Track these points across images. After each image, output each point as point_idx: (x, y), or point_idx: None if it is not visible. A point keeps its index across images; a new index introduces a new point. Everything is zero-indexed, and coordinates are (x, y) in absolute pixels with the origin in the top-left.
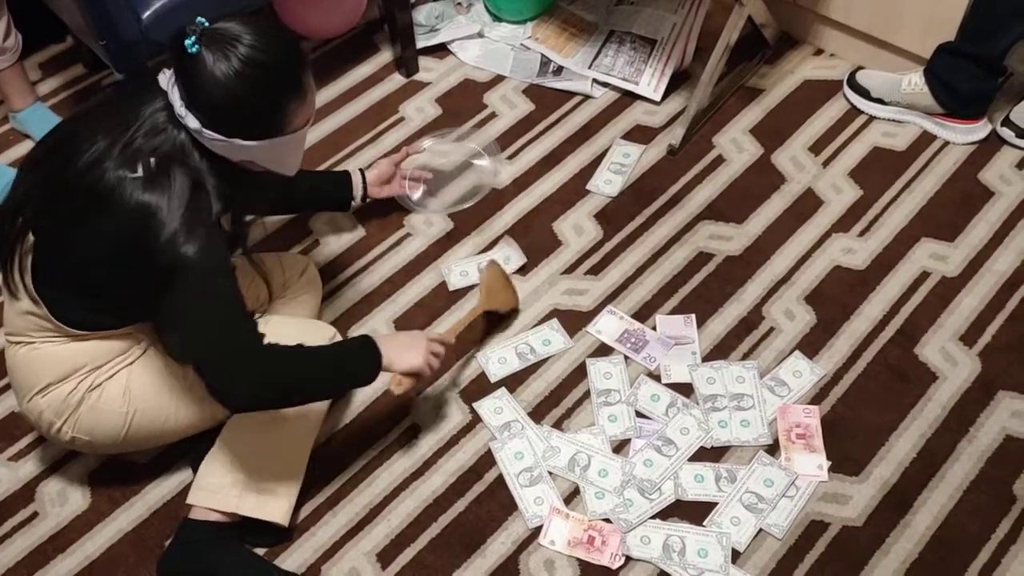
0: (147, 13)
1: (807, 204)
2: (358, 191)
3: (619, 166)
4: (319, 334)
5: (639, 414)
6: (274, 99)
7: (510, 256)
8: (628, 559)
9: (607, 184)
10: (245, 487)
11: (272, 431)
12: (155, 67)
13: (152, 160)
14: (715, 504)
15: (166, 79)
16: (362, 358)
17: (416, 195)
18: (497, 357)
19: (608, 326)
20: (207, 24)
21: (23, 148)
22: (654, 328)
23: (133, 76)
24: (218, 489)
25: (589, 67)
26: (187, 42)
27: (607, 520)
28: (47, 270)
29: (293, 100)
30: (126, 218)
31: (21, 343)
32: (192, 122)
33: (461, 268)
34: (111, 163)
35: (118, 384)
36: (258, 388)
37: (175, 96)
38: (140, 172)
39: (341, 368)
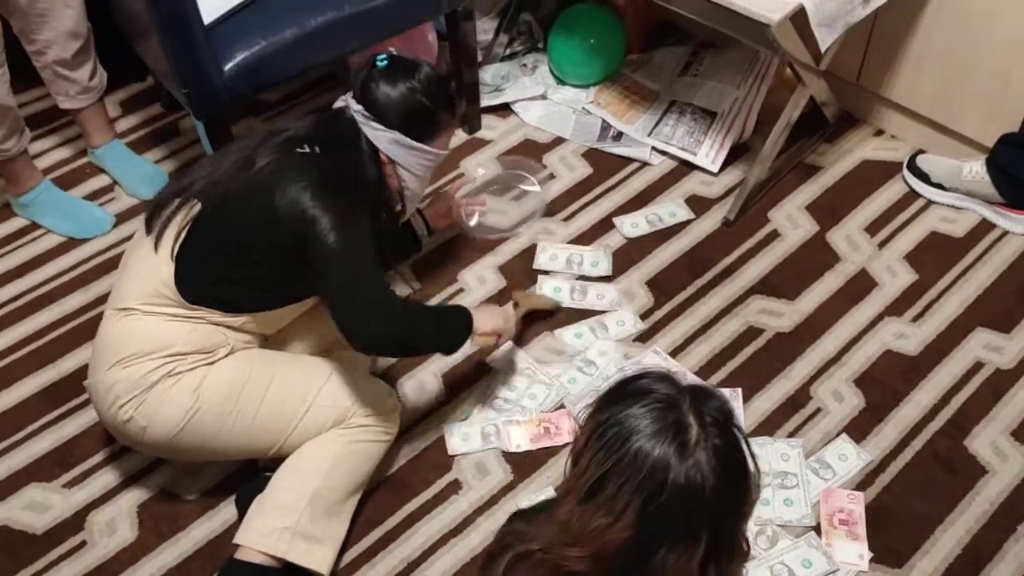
0: (229, 65)
1: (861, 285)
2: (422, 229)
3: (657, 218)
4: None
5: None
6: (433, 107)
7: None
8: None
9: (633, 227)
10: (295, 533)
11: (327, 480)
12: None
13: (318, 146)
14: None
15: (344, 100)
16: (461, 318)
17: (472, 221)
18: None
19: (650, 364)
20: (395, 52)
21: (99, 182)
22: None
23: (216, 129)
24: (269, 532)
25: (649, 134)
26: (378, 58)
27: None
28: (205, 238)
29: (445, 119)
30: (294, 182)
31: (127, 312)
32: (365, 113)
33: (554, 285)
34: (277, 142)
35: (193, 379)
36: (391, 342)
37: (352, 103)
38: (307, 149)
39: (447, 323)
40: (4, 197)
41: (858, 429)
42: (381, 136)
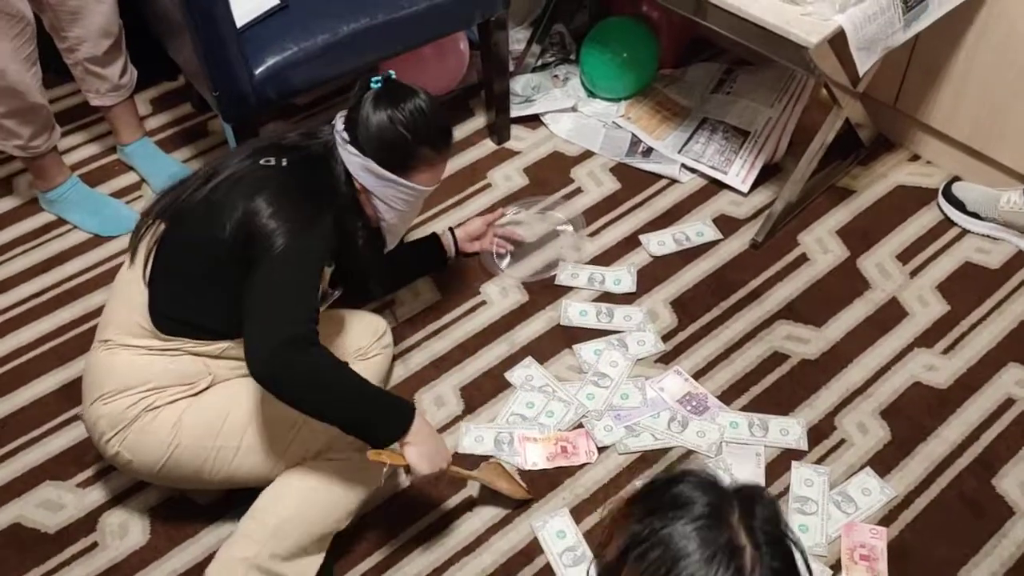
0: (260, 69)
1: (890, 314)
2: (450, 247)
3: (684, 237)
4: (369, 326)
5: None
6: (414, 142)
7: (621, 279)
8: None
9: (659, 245)
10: (252, 566)
11: (294, 513)
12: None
13: (287, 159)
14: None
15: (338, 116)
16: (391, 422)
17: (504, 263)
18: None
19: (672, 385)
20: (393, 76)
21: (127, 179)
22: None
23: (244, 132)
24: (227, 561)
25: (679, 151)
26: (373, 79)
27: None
28: (169, 260)
29: (428, 155)
30: (248, 194)
31: (105, 345)
32: (344, 134)
33: (579, 308)
34: (257, 156)
35: (173, 413)
36: (282, 371)
37: (339, 121)
38: (273, 162)
39: (366, 415)
40: (32, 192)
41: (882, 463)
42: (354, 161)
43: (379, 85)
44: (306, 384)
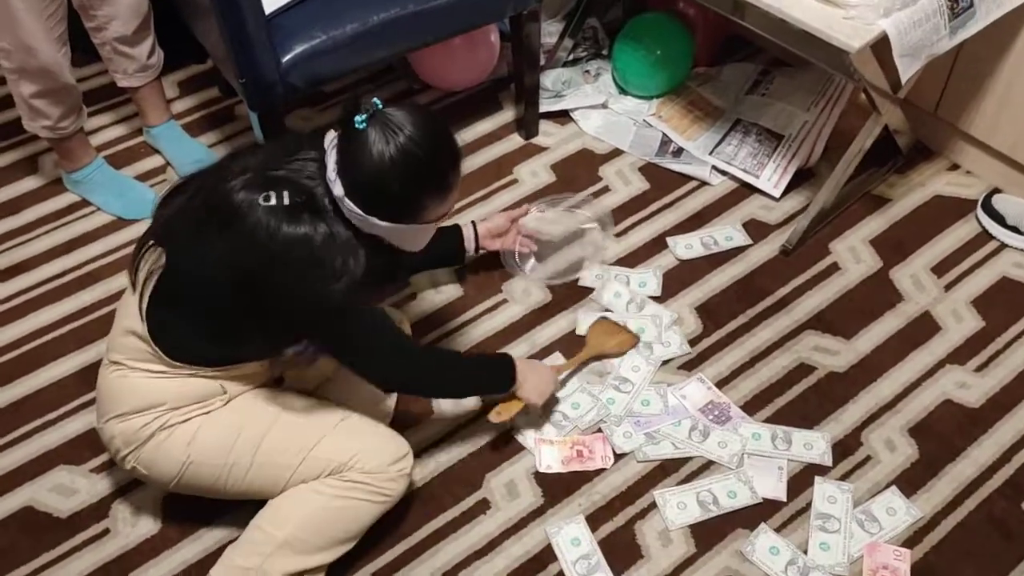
0: (287, 57)
1: (923, 328)
2: (470, 243)
3: (712, 241)
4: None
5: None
6: (417, 192)
7: (646, 281)
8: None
9: (686, 248)
10: (259, 573)
11: (299, 531)
12: (318, 130)
13: (287, 194)
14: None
15: (329, 140)
16: (500, 378)
17: (528, 264)
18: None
19: (694, 393)
20: (380, 106)
21: (152, 162)
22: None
23: (270, 120)
24: (230, 567)
25: (710, 153)
26: (357, 118)
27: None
28: (171, 289)
29: (435, 196)
30: (255, 241)
31: (116, 367)
32: (338, 188)
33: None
34: (247, 185)
35: (187, 431)
36: (404, 384)
37: (331, 159)
38: (273, 201)
39: (479, 382)
40: (57, 172)
41: (909, 482)
42: (355, 216)
43: (364, 125)
44: (423, 385)
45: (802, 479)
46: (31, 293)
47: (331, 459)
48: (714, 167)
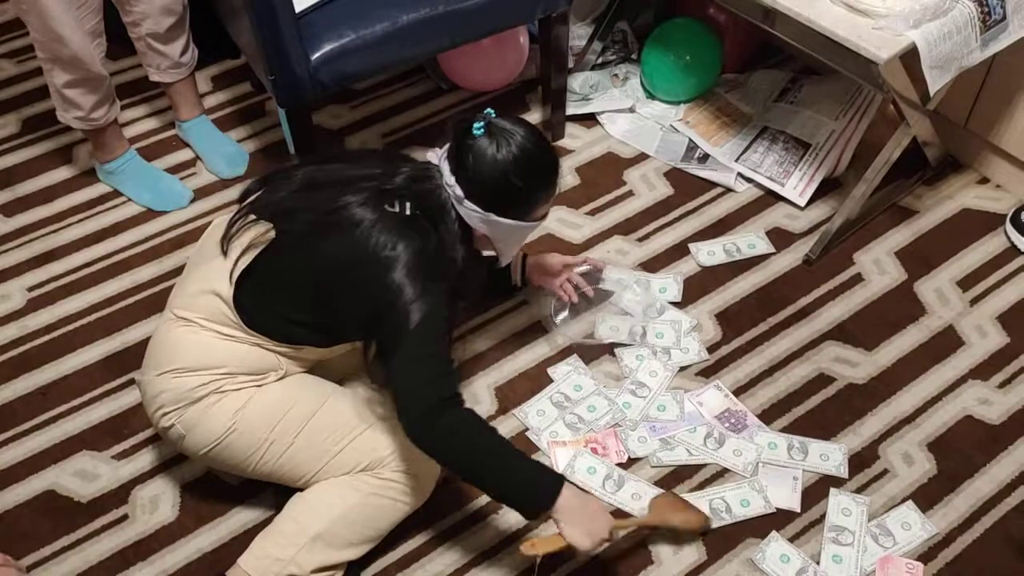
0: (317, 55)
1: (946, 342)
2: (517, 274)
3: (735, 248)
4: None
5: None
6: (534, 186)
7: (667, 286)
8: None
9: (709, 255)
10: (288, 566)
11: (334, 525)
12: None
13: (410, 204)
14: None
15: (440, 152)
16: (537, 492)
17: (561, 316)
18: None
19: (711, 400)
20: (494, 115)
21: (182, 155)
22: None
23: (298, 117)
24: (263, 557)
25: (736, 160)
26: (475, 125)
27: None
28: (270, 266)
29: (545, 192)
30: (372, 245)
31: (185, 323)
32: (458, 191)
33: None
34: (370, 192)
35: (237, 400)
36: (428, 433)
37: (445, 167)
38: (397, 209)
39: (511, 481)
40: (90, 163)
41: (926, 498)
42: (474, 216)
43: (482, 131)
44: (450, 446)
45: (817, 490)
46: (61, 280)
47: (370, 452)
48: (740, 174)
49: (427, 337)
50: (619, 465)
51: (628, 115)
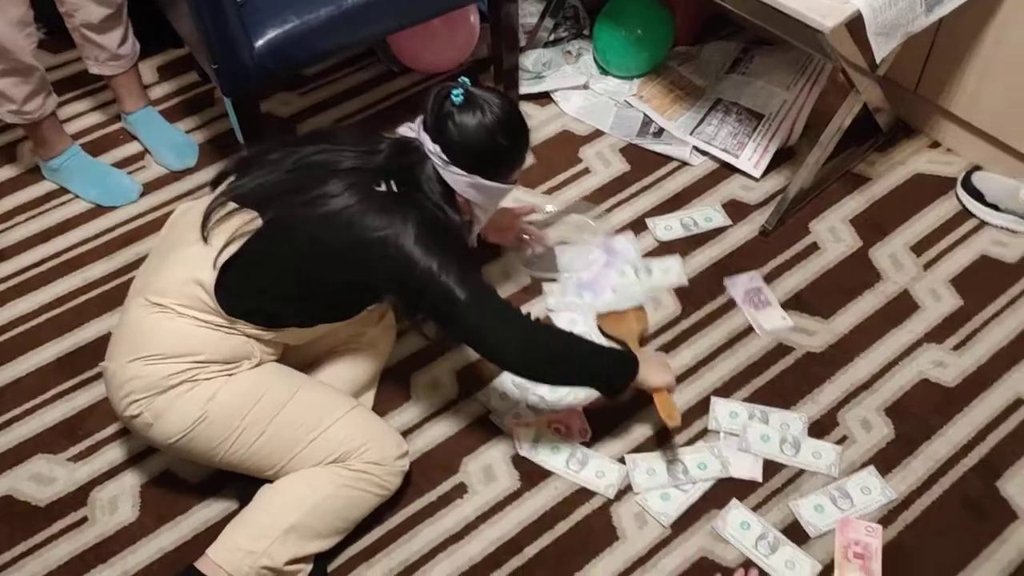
0: (260, 42)
1: (901, 307)
2: (473, 236)
3: (692, 222)
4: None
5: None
6: (516, 145)
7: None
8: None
9: (666, 230)
10: (261, 558)
11: (307, 516)
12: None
13: (395, 181)
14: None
15: (411, 129)
16: (623, 363)
17: (528, 252)
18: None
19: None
20: (469, 83)
21: (130, 149)
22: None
23: (245, 106)
24: (235, 550)
25: (691, 133)
26: (454, 92)
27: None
28: (257, 252)
29: (524, 152)
30: (370, 226)
31: (161, 309)
32: (444, 156)
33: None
34: (356, 173)
35: (209, 389)
36: (542, 358)
37: (424, 137)
38: (384, 188)
39: (603, 361)
40: (34, 160)
41: (884, 462)
42: (460, 181)
43: (461, 98)
44: (556, 357)
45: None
46: (10, 281)
47: (341, 443)
48: (695, 147)
49: (475, 290)
50: (582, 444)
51: (582, 92)
